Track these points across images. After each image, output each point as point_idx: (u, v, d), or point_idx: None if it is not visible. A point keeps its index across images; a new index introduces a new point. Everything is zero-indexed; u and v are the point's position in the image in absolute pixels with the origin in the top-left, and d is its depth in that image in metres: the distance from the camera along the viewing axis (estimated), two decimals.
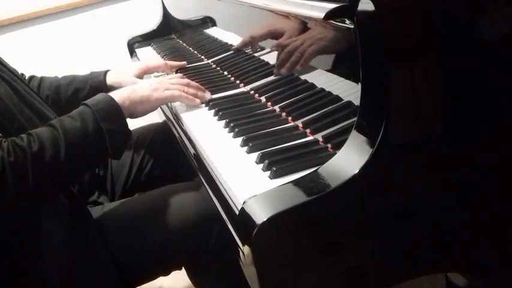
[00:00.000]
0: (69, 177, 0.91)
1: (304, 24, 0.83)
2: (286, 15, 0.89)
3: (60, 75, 1.35)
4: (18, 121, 0.92)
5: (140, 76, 1.35)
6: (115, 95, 0.96)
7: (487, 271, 0.74)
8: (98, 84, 1.30)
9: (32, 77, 1.31)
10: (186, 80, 1.13)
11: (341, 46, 0.75)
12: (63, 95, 1.29)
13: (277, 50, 0.97)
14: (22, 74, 1.29)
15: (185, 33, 1.78)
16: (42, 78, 1.31)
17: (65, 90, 1.29)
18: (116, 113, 0.93)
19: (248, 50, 1.16)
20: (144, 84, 1.04)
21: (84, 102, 0.93)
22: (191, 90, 1.09)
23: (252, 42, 1.14)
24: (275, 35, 0.97)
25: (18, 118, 0.92)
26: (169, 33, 1.96)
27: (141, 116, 1.02)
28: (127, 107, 0.96)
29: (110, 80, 1.31)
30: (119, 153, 0.96)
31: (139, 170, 1.29)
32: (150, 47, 1.88)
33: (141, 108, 1.00)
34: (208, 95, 1.12)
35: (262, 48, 1.08)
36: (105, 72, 1.32)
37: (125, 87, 1.03)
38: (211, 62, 1.42)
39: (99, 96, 0.95)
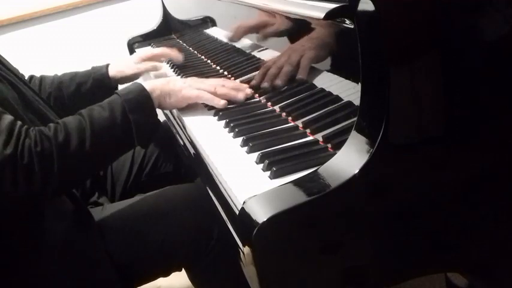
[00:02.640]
0: (94, 166, 0.92)
1: (303, 24, 0.83)
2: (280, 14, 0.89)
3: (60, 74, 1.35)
4: (25, 123, 0.91)
5: (140, 66, 1.35)
6: (147, 84, 0.97)
7: (487, 271, 0.74)
8: (100, 76, 1.31)
9: (31, 77, 1.31)
10: (222, 82, 1.07)
11: (341, 46, 0.75)
12: (65, 91, 1.29)
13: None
14: (21, 74, 1.29)
15: (185, 33, 1.78)
16: (42, 77, 1.32)
17: (67, 86, 1.30)
18: (146, 103, 0.94)
19: (248, 50, 1.16)
20: (180, 80, 1.06)
21: (116, 91, 0.95)
22: (222, 90, 1.03)
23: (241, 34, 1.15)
24: (269, 30, 0.98)
25: (25, 120, 0.92)
26: (169, 33, 1.96)
27: (169, 109, 1.05)
28: (156, 97, 0.97)
29: (112, 70, 1.32)
30: (146, 144, 0.97)
31: (139, 171, 1.29)
32: (150, 47, 1.88)
33: (169, 100, 1.01)
34: (241, 94, 1.04)
35: (262, 48, 1.08)
36: (107, 65, 1.34)
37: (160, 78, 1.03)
38: (211, 62, 1.42)
39: (132, 85, 0.97)
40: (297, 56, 0.89)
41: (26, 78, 1.30)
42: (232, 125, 0.94)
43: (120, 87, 1.36)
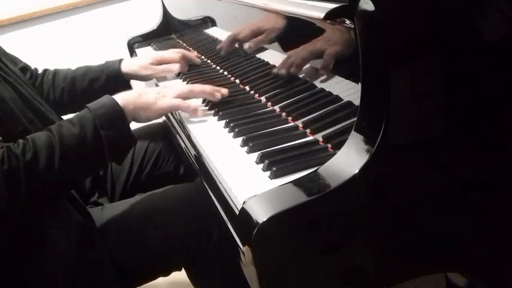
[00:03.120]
0: (64, 185, 0.89)
1: (303, 24, 0.83)
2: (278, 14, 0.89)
3: None
4: (22, 124, 0.91)
5: (155, 64, 1.35)
6: (120, 97, 0.94)
7: (487, 271, 0.74)
8: (114, 72, 1.30)
9: (45, 70, 1.31)
10: (199, 88, 1.07)
11: (341, 46, 0.75)
12: (79, 86, 1.29)
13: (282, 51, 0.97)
14: (35, 68, 1.30)
15: (185, 33, 1.78)
16: (56, 71, 1.32)
17: (80, 81, 1.29)
18: (118, 118, 0.90)
19: (248, 50, 1.16)
20: (152, 91, 1.01)
21: (87, 105, 0.91)
22: (197, 88, 1.05)
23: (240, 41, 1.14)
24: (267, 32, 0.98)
25: (22, 121, 0.92)
26: (169, 33, 1.96)
27: (144, 122, 1.01)
28: (131, 111, 0.94)
29: (125, 67, 1.32)
30: (119, 160, 0.94)
31: (139, 171, 1.29)
32: (150, 47, 1.88)
33: (143, 114, 0.98)
34: (218, 96, 1.05)
35: (262, 48, 1.07)
36: (120, 61, 1.33)
37: (131, 90, 1.01)
38: (212, 62, 1.42)
39: (103, 99, 0.93)
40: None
41: (39, 71, 1.30)
42: (232, 125, 0.94)
43: (133, 82, 1.36)
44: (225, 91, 1.06)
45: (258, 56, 1.11)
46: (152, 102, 0.98)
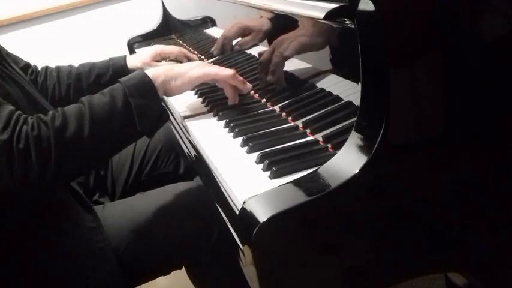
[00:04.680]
0: (95, 154, 0.87)
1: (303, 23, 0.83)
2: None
3: None
4: None
5: (157, 59, 1.38)
6: (149, 71, 0.94)
7: (487, 271, 0.74)
8: (120, 68, 1.32)
9: (46, 67, 1.32)
10: (231, 72, 1.03)
11: (341, 46, 0.75)
12: (85, 82, 1.29)
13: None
14: (35, 66, 1.30)
15: (185, 33, 1.78)
16: (58, 68, 1.32)
17: (86, 77, 1.30)
18: (148, 88, 0.91)
19: (248, 50, 1.16)
20: (185, 64, 1.02)
21: (119, 79, 0.92)
22: (231, 72, 1.01)
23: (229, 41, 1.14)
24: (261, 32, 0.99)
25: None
26: (169, 33, 1.96)
27: (176, 94, 0.99)
28: (161, 83, 0.94)
29: (130, 63, 1.33)
30: (151, 131, 0.92)
31: (139, 170, 1.29)
32: (150, 47, 1.88)
33: (174, 84, 0.96)
34: (249, 86, 1.04)
35: (262, 48, 1.08)
36: (125, 57, 1.34)
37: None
38: (211, 62, 1.42)
39: (134, 73, 0.94)
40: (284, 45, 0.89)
41: (39, 69, 1.30)
42: (232, 125, 0.94)
43: None
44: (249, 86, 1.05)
45: (258, 56, 1.11)
46: (184, 71, 0.98)
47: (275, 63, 0.95)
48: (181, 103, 1.16)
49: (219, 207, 0.78)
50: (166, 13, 1.97)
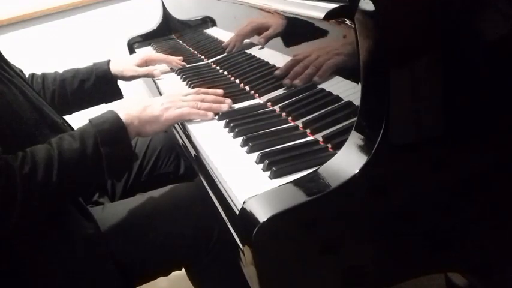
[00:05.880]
0: (61, 199, 0.87)
1: (303, 23, 0.83)
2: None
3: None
4: (27, 126, 0.91)
5: (142, 65, 1.39)
6: (123, 113, 0.91)
7: (487, 271, 0.74)
8: (103, 73, 1.32)
9: (32, 75, 1.32)
10: (201, 96, 1.03)
11: (341, 46, 0.75)
12: (69, 88, 1.30)
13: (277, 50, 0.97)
14: (24, 75, 1.30)
15: (185, 33, 1.78)
16: (44, 75, 1.32)
17: (70, 83, 1.30)
18: (120, 135, 0.88)
19: (248, 50, 1.16)
20: (156, 102, 0.98)
21: (90, 119, 0.90)
22: (204, 105, 1.01)
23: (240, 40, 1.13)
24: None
25: (27, 123, 0.91)
26: (169, 33, 1.96)
27: (149, 136, 0.98)
28: (135, 127, 0.92)
29: (113, 68, 1.34)
30: (119, 177, 0.93)
31: (139, 171, 1.29)
32: (150, 47, 1.88)
33: (150, 128, 0.95)
34: (225, 106, 1.03)
35: (262, 48, 1.07)
36: (108, 62, 1.35)
37: (134, 102, 0.97)
38: (211, 62, 1.42)
39: (107, 113, 0.91)
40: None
41: (26, 75, 1.30)
42: (232, 125, 0.94)
43: (120, 82, 1.38)
44: (229, 101, 1.04)
45: (258, 56, 1.11)
46: (158, 115, 0.95)
47: (305, 78, 0.90)
48: None
49: (219, 207, 0.78)
50: (166, 13, 1.97)
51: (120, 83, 1.39)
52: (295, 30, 0.89)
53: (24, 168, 0.79)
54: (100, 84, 1.32)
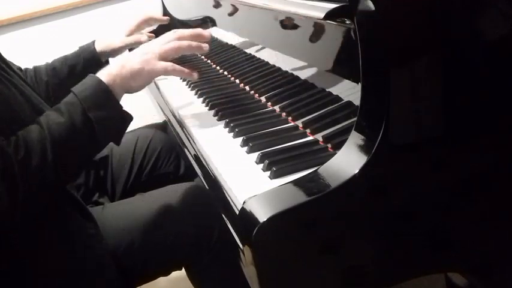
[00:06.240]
0: (63, 176, 0.85)
1: (303, 23, 0.83)
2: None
3: None
4: (23, 122, 0.91)
5: (131, 34, 1.37)
6: (103, 74, 0.89)
7: (487, 271, 0.74)
8: (90, 54, 1.31)
9: (26, 70, 1.31)
10: (179, 36, 0.99)
11: (341, 46, 0.75)
12: (60, 76, 1.29)
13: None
14: (19, 69, 1.30)
15: None
16: (35, 68, 1.31)
17: (60, 71, 1.29)
18: (106, 96, 0.86)
19: (248, 50, 1.16)
20: (134, 57, 0.94)
21: (72, 89, 0.87)
22: (184, 43, 0.97)
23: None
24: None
25: (24, 119, 0.91)
26: None
27: (138, 91, 0.94)
28: (119, 85, 0.89)
29: (99, 46, 1.33)
30: (117, 138, 0.90)
31: (139, 170, 1.29)
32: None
33: (134, 83, 0.92)
34: (205, 46, 0.98)
35: (262, 48, 1.08)
36: (93, 42, 1.34)
37: (114, 62, 0.94)
38: (211, 62, 1.42)
39: (87, 79, 0.89)
40: None
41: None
42: (232, 125, 0.94)
43: (111, 60, 1.36)
44: (207, 33, 1.00)
45: (258, 56, 1.11)
46: (140, 68, 0.91)
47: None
48: (181, 103, 1.16)
49: (219, 207, 0.78)
50: (166, 13, 1.96)
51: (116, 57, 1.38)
52: (295, 30, 0.89)
53: (19, 154, 0.77)
54: (89, 65, 1.30)
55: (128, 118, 0.90)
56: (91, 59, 1.31)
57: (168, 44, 0.97)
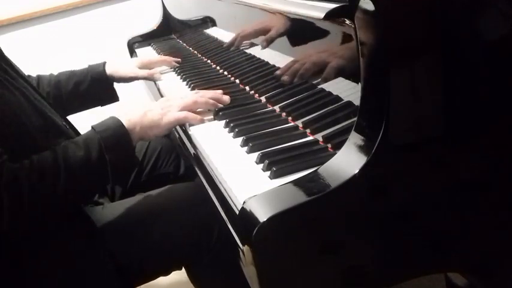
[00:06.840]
0: (66, 206, 0.88)
1: (303, 23, 0.83)
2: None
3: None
4: (31, 132, 0.91)
5: (142, 68, 1.39)
6: (125, 118, 0.92)
7: (487, 271, 0.74)
8: (98, 75, 1.32)
9: (28, 76, 1.31)
10: (196, 96, 1.04)
11: (341, 46, 0.75)
12: (63, 90, 1.30)
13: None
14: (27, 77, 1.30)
15: (185, 33, 1.78)
16: (39, 77, 1.32)
17: (65, 85, 1.30)
18: (124, 141, 0.90)
19: (248, 50, 1.16)
20: (156, 107, 0.98)
21: (92, 126, 0.90)
22: (201, 100, 1.02)
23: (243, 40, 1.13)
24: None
25: (29, 127, 0.91)
26: (169, 33, 1.96)
27: (151, 140, 1.00)
28: (137, 132, 0.93)
29: (109, 69, 1.34)
30: (122, 182, 0.95)
31: (139, 171, 1.29)
32: (150, 47, 1.88)
33: (151, 132, 0.96)
34: (224, 100, 1.05)
35: (262, 48, 1.08)
36: (104, 63, 1.35)
37: (135, 107, 0.97)
38: (211, 62, 1.42)
39: (109, 120, 0.92)
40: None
41: None
42: (232, 125, 0.94)
43: (116, 85, 1.37)
44: (226, 98, 1.06)
45: (258, 56, 1.11)
46: (158, 118, 0.96)
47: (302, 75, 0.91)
48: None
49: (219, 207, 0.78)
50: (166, 13, 1.97)
51: (120, 83, 1.39)
52: (295, 31, 0.89)
53: (31, 178, 0.80)
54: (95, 86, 1.32)
55: (135, 164, 0.95)
56: (98, 80, 1.32)
57: (188, 98, 1.02)
